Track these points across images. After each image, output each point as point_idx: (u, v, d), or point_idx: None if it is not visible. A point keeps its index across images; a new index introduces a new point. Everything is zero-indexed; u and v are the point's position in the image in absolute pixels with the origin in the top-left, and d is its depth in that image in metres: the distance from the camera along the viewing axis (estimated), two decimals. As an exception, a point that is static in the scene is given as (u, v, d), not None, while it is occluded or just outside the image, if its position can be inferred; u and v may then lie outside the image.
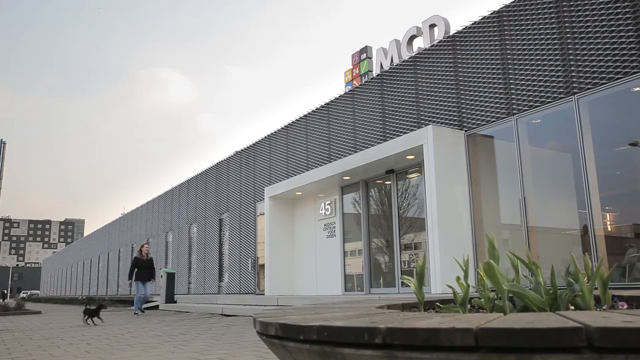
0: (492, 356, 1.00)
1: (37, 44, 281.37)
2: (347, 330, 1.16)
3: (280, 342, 1.36)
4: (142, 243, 14.74)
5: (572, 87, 7.35)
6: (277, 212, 13.35)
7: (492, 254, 1.72)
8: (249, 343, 5.25)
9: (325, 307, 1.98)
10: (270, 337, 1.42)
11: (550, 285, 1.68)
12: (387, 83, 10.91)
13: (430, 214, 8.50)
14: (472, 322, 1.06)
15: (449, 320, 1.15)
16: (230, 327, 7.46)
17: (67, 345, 5.69)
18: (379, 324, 1.12)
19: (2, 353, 5.10)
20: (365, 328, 1.12)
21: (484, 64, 8.80)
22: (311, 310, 1.77)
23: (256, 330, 1.57)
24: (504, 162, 8.82)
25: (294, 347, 1.30)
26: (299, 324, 1.26)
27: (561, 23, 7.59)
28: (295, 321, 1.30)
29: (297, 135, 13.69)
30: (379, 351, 1.11)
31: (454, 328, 1.02)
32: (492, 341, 0.99)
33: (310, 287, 12.58)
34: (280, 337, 1.35)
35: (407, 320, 1.20)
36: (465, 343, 1.01)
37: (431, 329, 1.04)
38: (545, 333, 0.95)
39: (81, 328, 8.37)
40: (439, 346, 1.04)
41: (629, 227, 7.61)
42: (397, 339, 1.08)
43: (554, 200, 8.37)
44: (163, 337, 6.25)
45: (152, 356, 4.51)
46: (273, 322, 1.38)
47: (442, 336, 1.03)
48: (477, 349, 1.01)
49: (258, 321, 1.50)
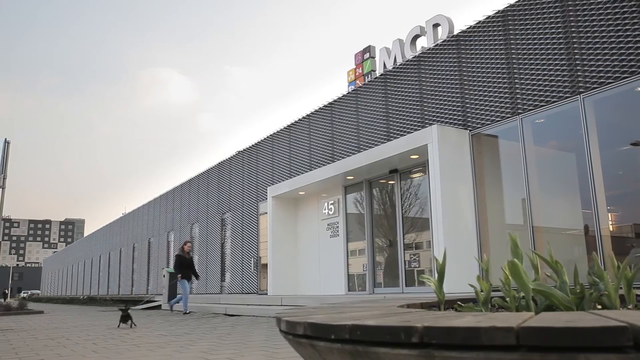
0: (533, 355, 0.99)
1: (37, 44, 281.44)
2: (381, 329, 1.15)
3: (309, 341, 1.35)
4: (185, 241, 13.66)
5: (577, 86, 7.34)
6: (280, 212, 13.34)
7: (516, 253, 1.71)
8: (256, 343, 5.24)
9: (346, 306, 1.97)
10: (297, 337, 1.40)
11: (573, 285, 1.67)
12: (391, 82, 10.89)
13: (435, 213, 8.49)
14: (511, 321, 1.05)
15: (485, 319, 1.14)
16: (235, 327, 7.45)
17: (73, 345, 5.68)
18: (414, 323, 1.11)
19: (9, 352, 5.09)
20: (401, 327, 1.11)
21: (488, 63, 8.79)
22: (333, 309, 1.76)
23: (281, 330, 1.56)
24: (508, 161, 8.81)
25: (323, 347, 1.29)
26: (330, 323, 1.24)
27: (567, 22, 7.58)
28: (326, 320, 1.29)
29: (300, 135, 13.68)
30: (415, 350, 1.10)
31: (494, 327, 1.01)
32: (534, 340, 0.98)
33: (313, 286, 12.57)
34: (309, 337, 1.34)
35: (440, 319, 1.19)
36: (506, 342, 1.00)
37: (471, 328, 1.03)
38: (589, 332, 0.94)
39: (86, 328, 8.36)
40: (478, 345, 1.03)
41: (629, 226, 7.62)
42: (434, 338, 1.07)
43: (559, 200, 8.36)
44: (169, 337, 6.24)
45: (160, 356, 4.50)
46: (301, 321, 1.36)
47: (483, 335, 1.01)
48: (518, 348, 1.00)
49: (284, 320, 1.49)
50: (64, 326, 8.98)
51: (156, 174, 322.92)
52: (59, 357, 4.59)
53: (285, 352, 4.38)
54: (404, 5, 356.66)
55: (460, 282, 8.49)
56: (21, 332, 7.80)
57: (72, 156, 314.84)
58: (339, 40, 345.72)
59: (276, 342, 5.17)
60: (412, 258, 10.35)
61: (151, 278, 23.83)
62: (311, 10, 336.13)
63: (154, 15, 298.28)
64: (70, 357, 4.61)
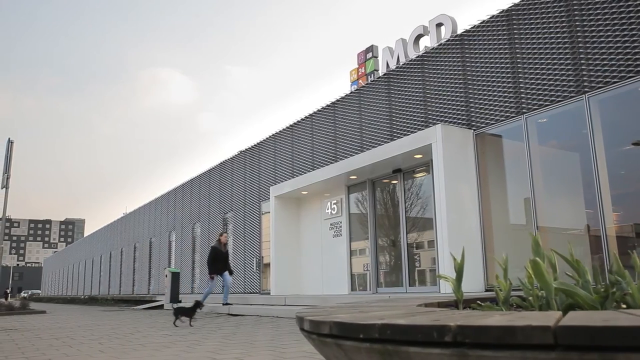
0: (571, 354, 0.98)
1: (37, 44, 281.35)
2: (413, 328, 1.14)
3: (334, 341, 1.33)
4: (221, 232, 12.67)
5: (582, 86, 7.32)
6: (282, 212, 13.33)
7: (537, 251, 1.71)
8: (262, 343, 5.23)
9: (365, 305, 1.96)
10: (322, 336, 1.39)
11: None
12: (394, 82, 10.88)
13: (440, 213, 8.48)
14: (547, 320, 1.04)
15: (516, 318, 1.13)
16: (239, 327, 7.44)
17: (78, 344, 5.67)
18: (446, 322, 1.10)
19: (15, 352, 5.08)
20: (434, 326, 1.10)
21: (493, 63, 8.78)
22: (353, 309, 1.75)
23: (303, 329, 1.55)
24: (512, 161, 8.80)
25: (350, 346, 1.28)
26: (359, 322, 1.23)
27: (572, 21, 7.57)
28: (354, 319, 1.28)
29: (303, 135, 13.67)
30: (448, 349, 1.08)
31: (530, 326, 1.00)
32: (572, 339, 0.97)
33: (315, 286, 12.56)
34: (335, 336, 1.33)
35: (471, 318, 1.18)
36: (543, 341, 0.99)
37: (506, 327, 1.02)
38: (630, 331, 0.93)
39: (90, 328, 8.34)
40: (513, 344, 1.01)
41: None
42: (468, 337, 1.06)
43: (563, 200, 8.35)
44: (174, 337, 6.22)
45: (167, 355, 4.49)
46: (327, 320, 1.35)
47: (519, 334, 1.00)
48: (555, 347, 0.99)
49: (307, 320, 1.48)
50: (68, 326, 8.97)
51: (156, 174, 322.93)
52: (65, 357, 4.58)
53: (293, 352, 4.37)
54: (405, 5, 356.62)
55: (465, 281, 8.51)
56: (25, 331, 7.79)
57: (72, 156, 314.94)
58: (340, 40, 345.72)
59: (282, 342, 5.16)
60: (415, 258, 10.34)
61: (152, 278, 23.82)
62: (312, 10, 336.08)
63: (154, 15, 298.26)
64: (77, 356, 4.60)
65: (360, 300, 8.75)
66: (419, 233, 10.34)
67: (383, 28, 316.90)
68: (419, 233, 10.34)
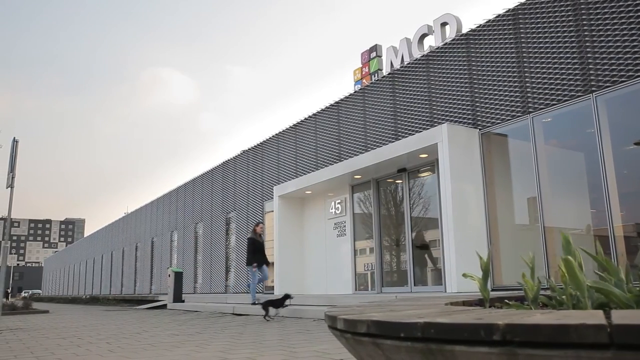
0: (626, 354, 0.96)
1: (38, 44, 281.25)
2: (458, 327, 1.12)
3: (372, 339, 1.32)
4: (257, 221, 12.00)
5: (590, 85, 7.31)
6: (286, 211, 13.32)
7: (568, 250, 1.69)
8: (271, 342, 5.22)
9: (390, 304, 1.94)
10: (358, 335, 1.38)
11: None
12: (399, 81, 10.87)
13: (446, 212, 8.46)
14: (597, 319, 1.03)
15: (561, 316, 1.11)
16: (246, 327, 7.42)
17: (86, 344, 5.66)
18: (494, 320, 1.08)
19: (24, 351, 5.07)
20: (481, 324, 1.08)
21: (499, 62, 8.76)
22: (382, 308, 1.73)
23: (335, 328, 1.53)
24: (518, 160, 8.78)
25: (390, 345, 1.26)
26: (400, 321, 1.22)
27: (579, 20, 7.55)
28: (394, 318, 1.26)
29: (306, 134, 13.66)
30: (496, 348, 1.07)
31: (584, 324, 0.98)
32: (628, 338, 0.95)
33: (319, 286, 12.55)
34: (372, 335, 1.31)
35: (515, 316, 1.16)
36: (598, 340, 0.97)
37: (558, 326, 1.01)
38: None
39: (95, 327, 8.33)
40: (566, 343, 1.00)
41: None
42: (517, 335, 1.05)
43: (569, 200, 8.33)
44: (181, 337, 6.21)
45: (178, 355, 4.47)
46: (364, 319, 1.34)
47: (572, 333, 0.99)
48: (609, 347, 0.97)
49: (341, 319, 1.46)
50: (73, 326, 8.96)
51: (157, 174, 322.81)
52: (75, 357, 4.57)
53: (304, 352, 4.35)
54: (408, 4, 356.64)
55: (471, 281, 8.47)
56: (31, 331, 7.78)
57: (73, 155, 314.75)
58: (342, 39, 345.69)
59: (291, 342, 5.15)
60: (421, 257, 10.32)
61: (154, 278, 23.81)
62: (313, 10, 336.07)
63: (155, 14, 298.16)
64: (87, 356, 4.58)
65: (364, 299, 8.74)
66: (424, 232, 10.32)
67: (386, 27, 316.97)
68: (424, 232, 10.32)
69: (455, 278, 8.10)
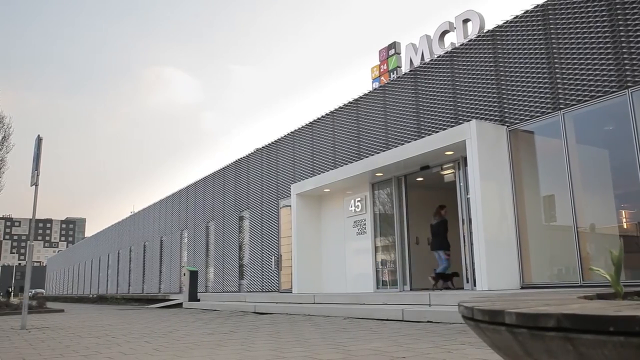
0: None
1: (40, 42, 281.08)
2: None
3: (563, 334, 1.25)
4: (441, 205, 10.31)
5: (625, 80, 7.23)
6: (304, 209, 13.25)
7: None
8: (316, 340, 5.14)
9: (518, 299, 1.87)
10: (539, 330, 1.30)
11: None
12: (422, 79, 10.79)
13: (475, 210, 8.39)
14: None
15: None
16: (277, 325, 7.34)
17: (125, 343, 5.59)
18: None
19: (67, 351, 4.99)
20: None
21: (527, 58, 8.69)
22: (507, 302, 1.66)
23: (472, 318, 1.48)
24: (547, 158, 8.71)
25: (590, 340, 1.19)
26: (606, 315, 1.14)
27: (612, 14, 7.47)
28: (595, 312, 1.19)
29: (324, 132, 13.59)
30: None
31: None
32: None
33: (338, 284, 12.48)
34: (564, 329, 1.24)
35: None
36: None
37: None
38: None
39: (122, 326, 8.25)
40: None
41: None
42: None
43: (602, 199, 8.25)
44: (217, 335, 6.14)
45: (229, 353, 4.40)
46: (553, 312, 1.26)
47: None
48: None
49: (512, 312, 1.38)
50: (97, 324, 8.88)
51: (159, 173, 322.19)
52: (124, 356, 4.49)
53: (358, 350, 4.28)
54: (403, 4, 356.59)
55: (501, 278, 8.37)
56: (59, 330, 7.70)
57: (74, 154, 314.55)
58: (343, 40, 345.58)
59: (337, 340, 5.07)
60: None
61: (164, 276, 23.74)
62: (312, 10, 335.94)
63: (157, 13, 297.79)
64: (135, 355, 4.51)
65: (390, 298, 8.66)
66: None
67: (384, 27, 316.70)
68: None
69: (485, 276, 8.03)
